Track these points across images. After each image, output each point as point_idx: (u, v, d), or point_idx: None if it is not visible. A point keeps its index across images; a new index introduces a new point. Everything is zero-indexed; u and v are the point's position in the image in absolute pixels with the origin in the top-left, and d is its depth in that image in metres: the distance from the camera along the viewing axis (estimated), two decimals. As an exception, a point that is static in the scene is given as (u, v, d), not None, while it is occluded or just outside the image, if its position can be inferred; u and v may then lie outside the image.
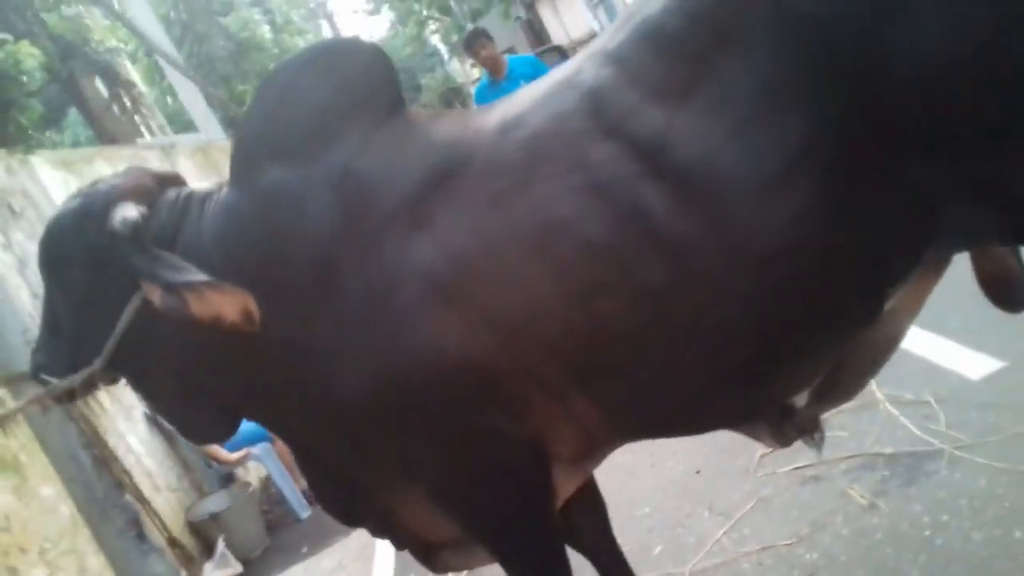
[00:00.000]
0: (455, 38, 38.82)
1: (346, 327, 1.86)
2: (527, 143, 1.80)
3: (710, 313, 1.72)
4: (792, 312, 1.74)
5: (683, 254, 1.69)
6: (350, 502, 2.26)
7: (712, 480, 3.21)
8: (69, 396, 2.18)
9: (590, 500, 2.42)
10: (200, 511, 4.90)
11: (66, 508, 3.07)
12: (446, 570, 2.38)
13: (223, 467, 5.32)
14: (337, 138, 1.93)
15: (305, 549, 4.76)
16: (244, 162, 2.02)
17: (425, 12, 34.19)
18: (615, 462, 2.14)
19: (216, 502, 5.03)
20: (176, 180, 2.24)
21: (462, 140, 1.88)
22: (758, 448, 3.19)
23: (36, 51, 7.64)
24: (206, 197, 2.09)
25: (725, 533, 2.87)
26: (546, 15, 25.48)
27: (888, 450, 2.85)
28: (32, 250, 4.93)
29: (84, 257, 2.05)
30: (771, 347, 1.79)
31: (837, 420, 3.14)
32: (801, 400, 2.09)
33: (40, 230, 2.04)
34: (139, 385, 2.27)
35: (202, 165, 9.31)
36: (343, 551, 4.44)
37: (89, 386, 2.18)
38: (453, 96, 29.27)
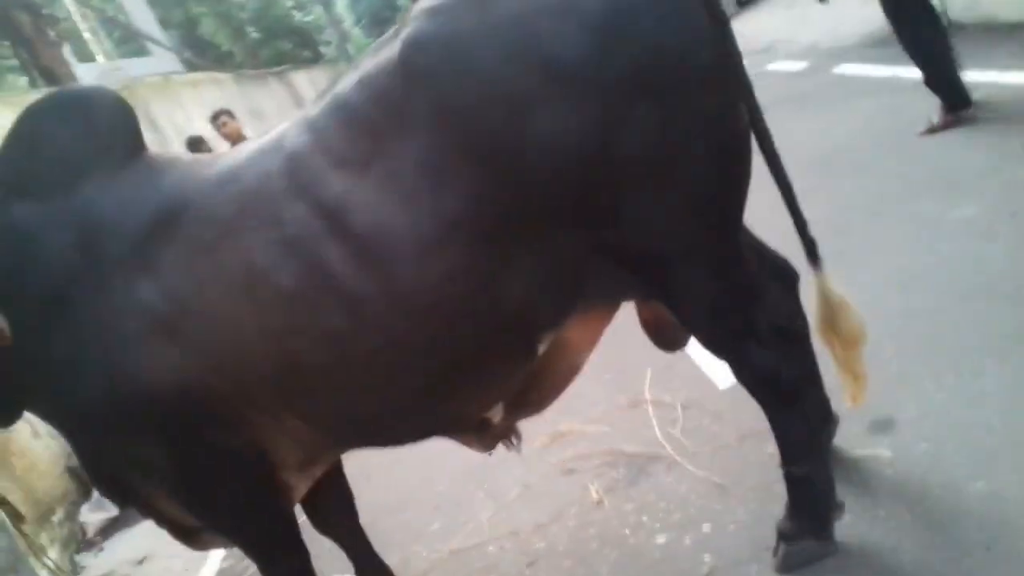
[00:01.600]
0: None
1: (81, 351, 2.17)
2: (236, 197, 2.11)
3: (383, 353, 2.07)
4: (452, 353, 2.09)
5: (358, 305, 2.02)
6: (115, 484, 2.57)
7: (497, 466, 3.59)
8: None
9: (337, 492, 2.79)
10: (81, 457, 5.24)
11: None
12: (205, 548, 2.74)
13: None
14: (78, 181, 2.21)
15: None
16: None
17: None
18: (424, 445, 2.45)
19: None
20: None
21: (185, 189, 2.18)
22: (540, 436, 3.58)
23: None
24: None
25: (488, 516, 3.26)
26: None
27: (631, 449, 3.22)
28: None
29: None
30: (438, 380, 2.15)
31: (607, 416, 3.52)
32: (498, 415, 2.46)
33: None
34: None
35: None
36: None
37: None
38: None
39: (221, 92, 15.63)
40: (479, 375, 2.19)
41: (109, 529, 5.25)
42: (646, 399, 3.50)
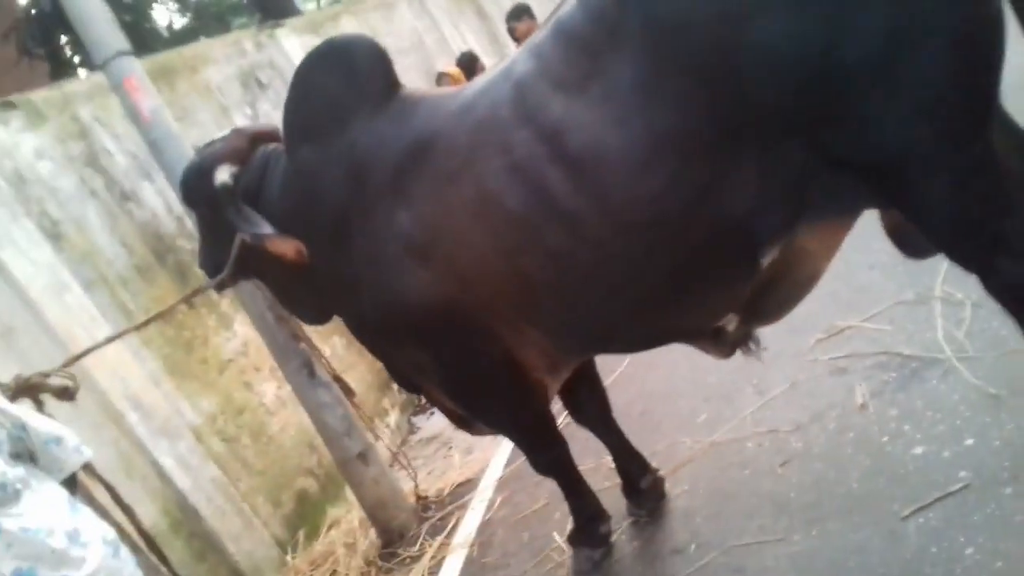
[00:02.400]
0: None
1: (356, 273, 2.53)
2: (472, 128, 2.30)
3: (603, 268, 2.19)
4: (671, 266, 2.16)
5: (575, 224, 2.15)
6: (403, 378, 3.00)
7: (769, 360, 3.52)
8: (219, 287, 3.08)
9: (588, 388, 2.97)
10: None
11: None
12: (480, 434, 3.09)
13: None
14: (345, 123, 2.52)
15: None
16: (287, 140, 2.68)
17: None
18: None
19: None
20: (269, 136, 2.92)
21: (431, 123, 2.42)
22: (817, 332, 3.46)
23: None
24: (280, 155, 2.78)
25: (751, 412, 3.26)
26: None
27: (908, 351, 3.01)
28: (277, 118, 5.99)
29: (205, 201, 2.84)
30: (660, 292, 2.23)
31: (890, 313, 3.30)
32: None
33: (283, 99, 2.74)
34: (266, 283, 3.10)
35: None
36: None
37: (226, 285, 3.05)
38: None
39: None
40: (702, 287, 2.21)
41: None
42: (935, 295, 3.21)
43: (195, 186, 2.85)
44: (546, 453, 2.83)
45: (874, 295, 3.48)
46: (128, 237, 4.42)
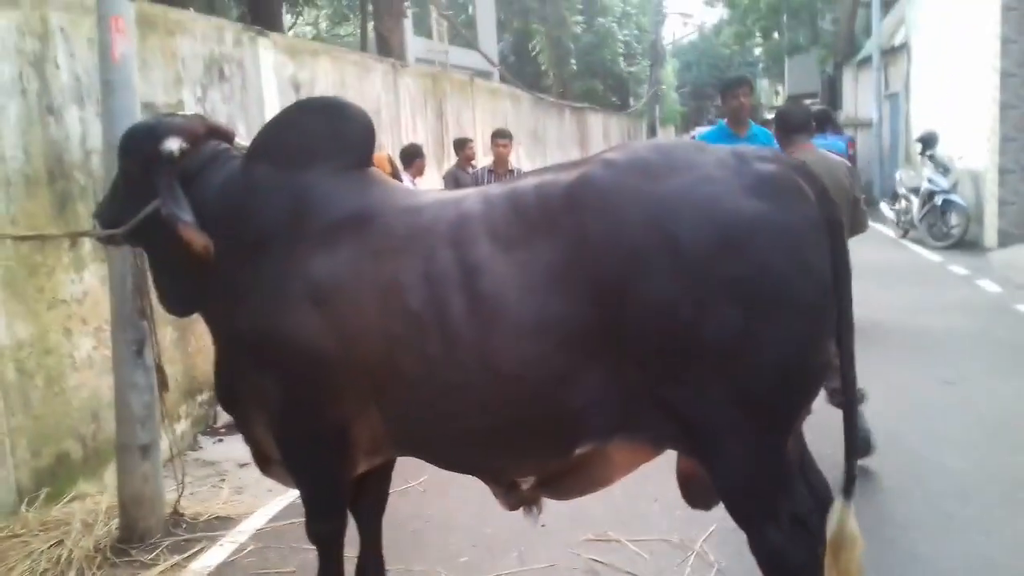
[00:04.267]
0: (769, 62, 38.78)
1: (256, 287, 2.71)
2: (410, 226, 2.60)
3: (458, 391, 2.49)
4: (507, 419, 2.48)
5: (454, 345, 2.44)
6: (231, 396, 3.09)
7: (541, 534, 3.85)
8: (108, 240, 3.18)
9: (378, 481, 3.19)
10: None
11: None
12: (274, 478, 3.21)
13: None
14: (311, 165, 2.76)
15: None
16: (252, 151, 2.89)
17: (752, 23, 34.53)
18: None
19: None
20: (223, 135, 3.12)
21: (380, 206, 2.69)
22: (590, 531, 3.81)
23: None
24: (231, 158, 2.98)
25: (508, 573, 3.54)
26: (847, 82, 24.96)
27: None
28: (222, 112, 6.14)
29: (140, 159, 2.98)
30: (489, 432, 2.54)
31: (652, 545, 3.70)
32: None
33: (241, 100, 2.90)
34: (148, 256, 3.21)
35: (420, 88, 10.28)
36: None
37: (115, 241, 3.16)
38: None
39: (515, 108, 16.63)
40: (522, 445, 2.54)
41: (233, 429, 5.93)
42: (694, 548, 3.64)
43: (141, 142, 2.99)
44: (329, 523, 3.01)
45: (648, 524, 3.91)
46: (33, 146, 4.42)
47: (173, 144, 2.88)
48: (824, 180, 2.41)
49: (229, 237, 2.78)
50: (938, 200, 12.50)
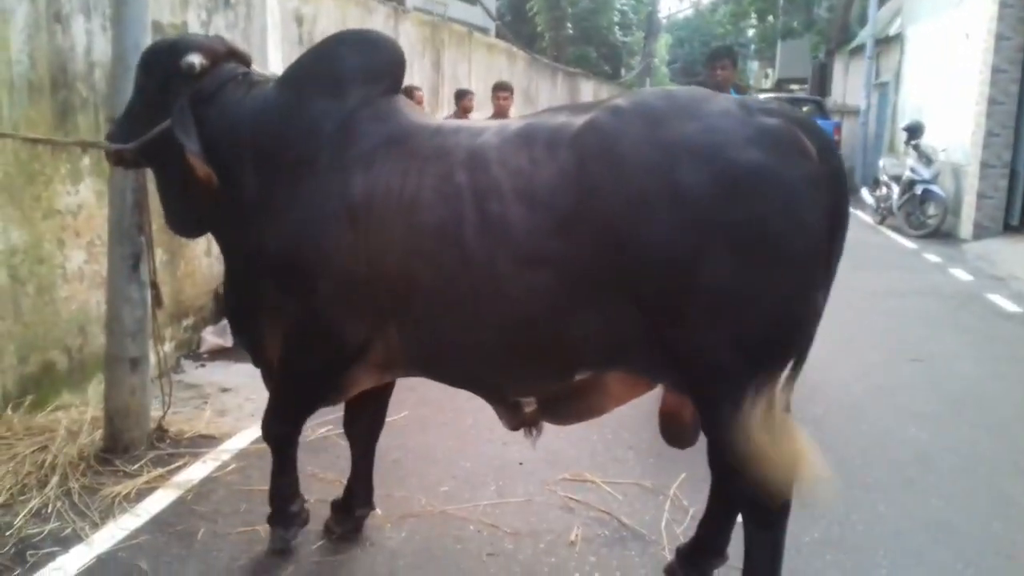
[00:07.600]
0: (762, 44, 38.79)
1: (293, 207, 2.77)
2: (433, 149, 2.68)
3: (468, 304, 2.58)
4: (512, 340, 2.58)
5: (468, 259, 2.53)
6: (242, 315, 3.14)
7: (520, 471, 3.98)
8: (116, 158, 3.21)
9: (375, 408, 3.31)
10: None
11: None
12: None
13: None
14: (348, 93, 2.83)
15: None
16: (291, 80, 2.93)
17: (748, 4, 34.58)
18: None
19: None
20: (242, 58, 3.16)
21: (410, 130, 2.77)
22: (567, 471, 3.94)
23: None
24: (258, 82, 3.02)
25: (486, 504, 3.66)
26: (837, 69, 25.07)
27: (627, 521, 3.53)
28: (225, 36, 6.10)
29: (159, 74, 3.02)
30: (495, 350, 2.63)
31: (627, 488, 3.82)
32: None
33: (245, 29, 2.90)
34: (157, 176, 3.23)
35: (419, 36, 10.21)
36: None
37: (124, 160, 3.20)
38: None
39: (510, 65, 16.59)
40: (525, 365, 2.64)
41: (217, 355, 6.00)
42: (668, 493, 3.78)
43: (161, 57, 3.03)
44: (288, 426, 3.13)
45: (623, 468, 4.05)
46: (38, 52, 4.40)
47: (195, 58, 2.92)
48: None
49: (262, 158, 2.84)
50: (918, 189, 12.71)
